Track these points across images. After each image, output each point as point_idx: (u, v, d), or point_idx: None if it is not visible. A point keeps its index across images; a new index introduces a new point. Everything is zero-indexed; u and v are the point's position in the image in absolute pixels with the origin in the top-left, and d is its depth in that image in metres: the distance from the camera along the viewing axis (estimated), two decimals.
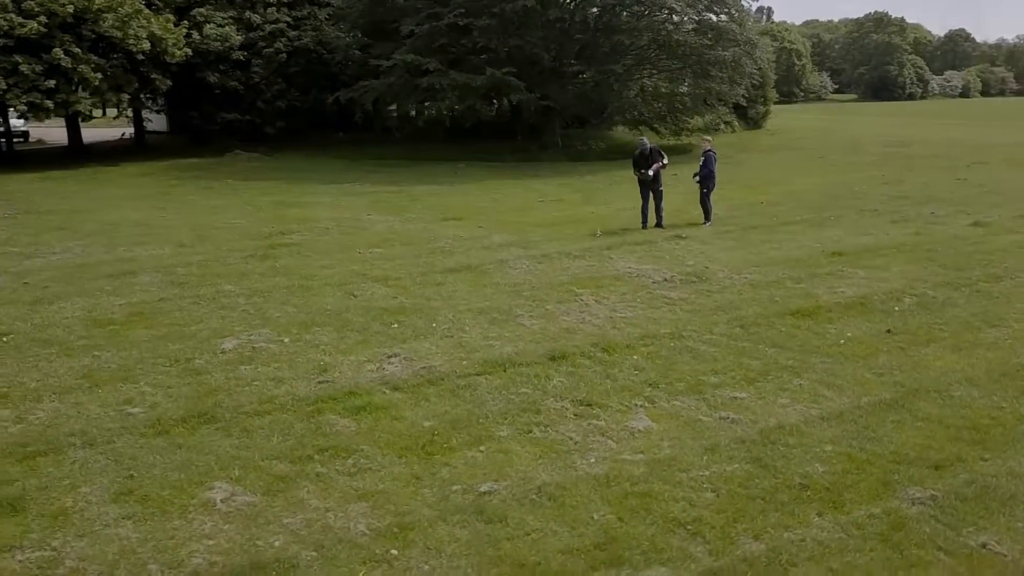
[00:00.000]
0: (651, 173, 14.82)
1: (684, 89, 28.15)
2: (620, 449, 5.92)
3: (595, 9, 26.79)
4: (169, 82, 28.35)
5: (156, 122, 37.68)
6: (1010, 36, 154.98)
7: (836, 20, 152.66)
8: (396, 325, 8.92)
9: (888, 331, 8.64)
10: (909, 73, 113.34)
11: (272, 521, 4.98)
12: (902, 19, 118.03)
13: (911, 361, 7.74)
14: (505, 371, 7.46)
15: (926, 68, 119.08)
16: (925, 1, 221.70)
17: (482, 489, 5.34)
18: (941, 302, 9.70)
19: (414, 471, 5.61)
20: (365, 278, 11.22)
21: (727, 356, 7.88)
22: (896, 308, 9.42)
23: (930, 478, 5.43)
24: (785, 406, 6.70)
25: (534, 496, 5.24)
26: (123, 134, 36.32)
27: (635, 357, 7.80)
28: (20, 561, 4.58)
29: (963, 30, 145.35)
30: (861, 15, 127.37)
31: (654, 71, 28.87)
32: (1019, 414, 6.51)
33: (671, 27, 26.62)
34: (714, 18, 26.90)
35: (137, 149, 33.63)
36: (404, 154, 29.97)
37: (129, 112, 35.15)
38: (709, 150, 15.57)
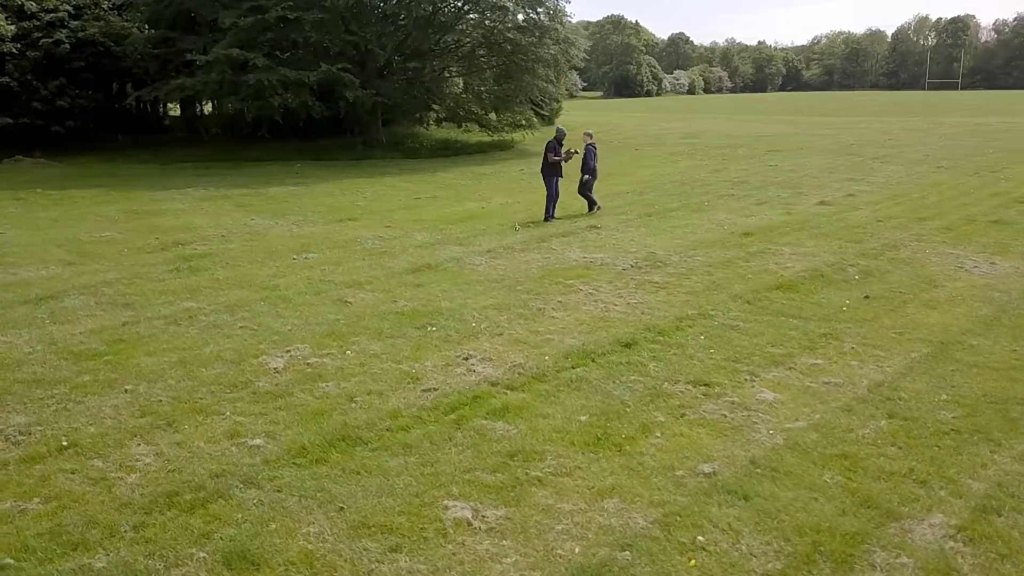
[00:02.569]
0: (575, 151, 15.64)
1: (509, 86, 28.91)
2: (778, 420, 6.30)
3: (428, 7, 26.66)
4: None
5: None
6: (721, 40, 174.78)
7: (575, 22, 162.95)
8: (433, 328, 8.59)
9: (866, 297, 9.80)
10: (646, 72, 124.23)
11: (545, 530, 4.78)
12: (636, 22, 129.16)
13: (910, 320, 8.88)
14: (594, 362, 7.54)
15: (659, 67, 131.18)
16: (646, 5, 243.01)
17: (704, 471, 5.47)
18: (878, 270, 11.11)
19: (621, 463, 5.60)
20: (334, 284, 10.59)
21: (767, 330, 8.53)
22: (856, 277, 10.68)
23: None
24: (859, 367, 7.46)
25: (757, 471, 5.47)
26: None
27: (701, 338, 8.21)
28: None
29: (683, 33, 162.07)
30: (599, 17, 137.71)
31: (482, 68, 29.36)
32: None
33: (500, 25, 27.23)
34: (536, 16, 27.87)
35: None
36: (221, 156, 27.98)
37: None
38: (591, 144, 16.33)
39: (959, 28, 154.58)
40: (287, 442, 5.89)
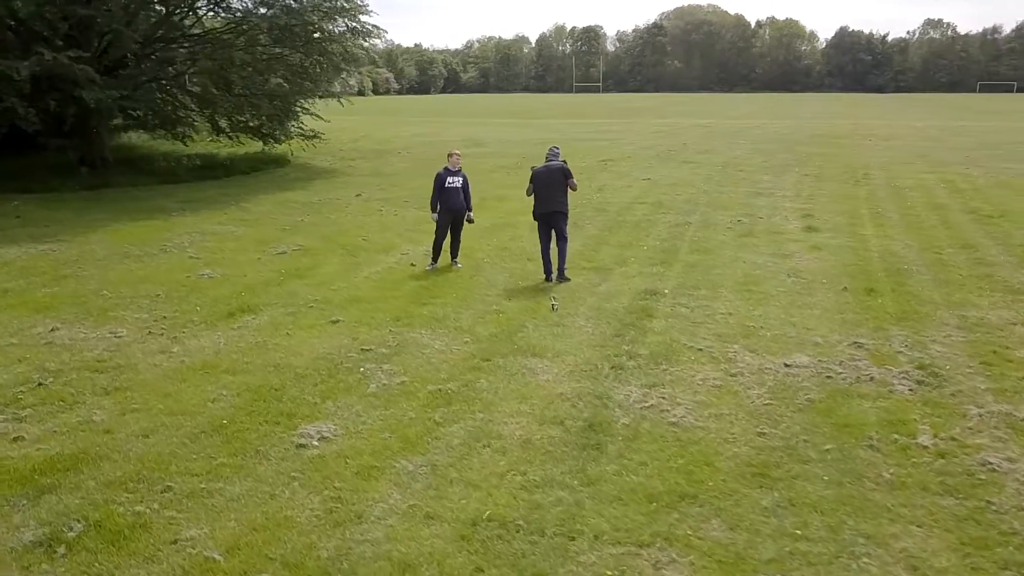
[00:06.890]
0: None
1: (297, 85, 22.14)
2: None
3: None
4: None
5: None
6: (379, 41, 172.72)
7: None
8: None
9: None
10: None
11: None
12: None
13: None
14: None
15: None
16: None
17: None
18: None
19: None
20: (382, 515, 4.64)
21: None
22: None
23: None
24: None
25: None
26: None
27: None
28: None
29: None
30: None
31: (262, 62, 21.99)
32: None
33: (294, 6, 20.43)
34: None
35: None
36: None
37: None
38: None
39: (591, 37, 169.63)
40: None
